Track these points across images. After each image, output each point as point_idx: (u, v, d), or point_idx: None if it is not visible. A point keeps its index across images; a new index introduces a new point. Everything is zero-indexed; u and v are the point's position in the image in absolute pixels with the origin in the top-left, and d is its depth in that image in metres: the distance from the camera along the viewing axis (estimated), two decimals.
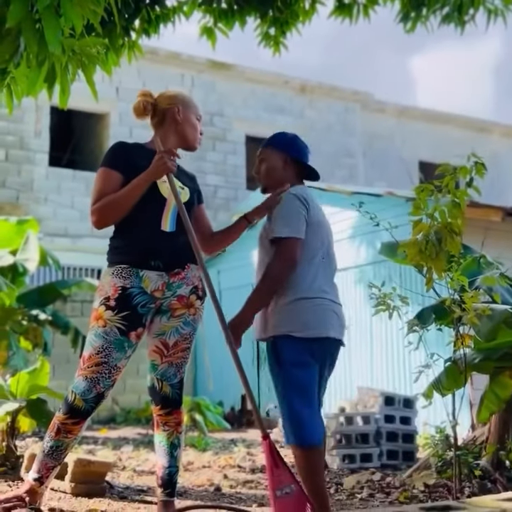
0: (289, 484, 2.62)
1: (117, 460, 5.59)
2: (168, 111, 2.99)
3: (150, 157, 2.84)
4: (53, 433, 2.69)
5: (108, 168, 2.83)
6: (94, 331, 2.68)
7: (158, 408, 2.80)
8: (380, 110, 16.18)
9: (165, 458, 2.81)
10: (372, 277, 8.05)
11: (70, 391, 2.70)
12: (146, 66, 12.48)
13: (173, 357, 2.81)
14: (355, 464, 5.47)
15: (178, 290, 2.82)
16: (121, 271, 2.75)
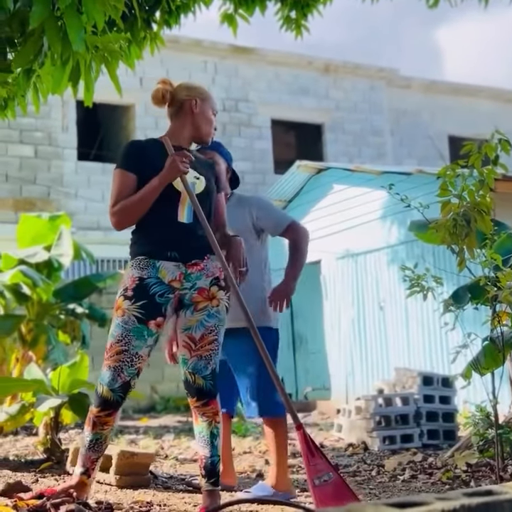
0: (328, 472, 2.65)
1: (159, 449, 5.66)
2: (185, 102, 3.01)
3: (163, 151, 2.88)
4: (90, 427, 2.75)
5: (122, 169, 2.88)
6: (115, 321, 2.76)
7: (195, 400, 2.83)
8: (406, 86, 15.97)
9: (207, 448, 2.84)
10: (405, 257, 8.00)
11: (98, 383, 2.77)
12: (169, 55, 12.46)
13: (202, 350, 2.83)
14: (395, 444, 5.48)
15: (198, 282, 2.84)
16: (139, 262, 2.82)
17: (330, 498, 2.55)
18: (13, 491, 2.52)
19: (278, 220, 3.47)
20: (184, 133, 3.00)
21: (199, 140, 3.05)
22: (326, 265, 9.54)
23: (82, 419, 3.29)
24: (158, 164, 2.83)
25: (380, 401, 5.72)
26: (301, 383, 10.27)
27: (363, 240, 8.74)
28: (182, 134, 2.99)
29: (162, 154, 2.86)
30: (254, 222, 3.49)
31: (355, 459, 4.96)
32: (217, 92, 13.86)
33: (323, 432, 6.88)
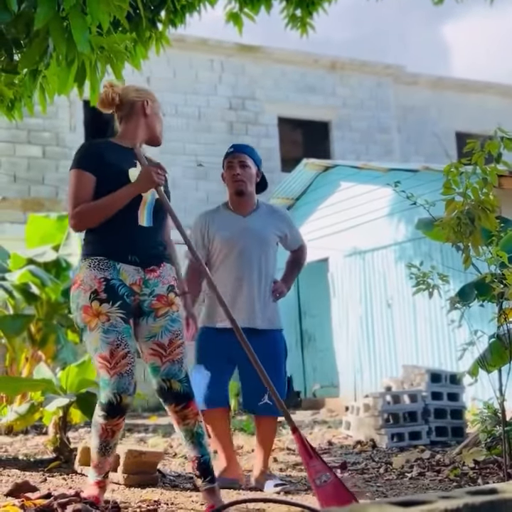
0: (325, 473, 2.69)
1: (168, 447, 5.68)
2: (136, 103, 3.02)
3: (120, 153, 2.90)
4: (109, 437, 2.70)
5: (80, 169, 2.85)
6: (101, 328, 2.68)
7: (174, 406, 2.79)
8: (413, 83, 15.92)
9: (196, 449, 2.83)
10: (413, 254, 7.99)
11: (109, 395, 2.66)
12: (175, 54, 12.48)
13: (173, 354, 2.80)
14: (403, 442, 5.47)
15: (156, 289, 2.83)
16: (98, 263, 2.77)
17: (332, 497, 2.57)
18: (21, 490, 2.54)
19: (297, 239, 3.82)
20: (138, 134, 3.00)
21: (153, 140, 3.06)
22: (333, 263, 9.54)
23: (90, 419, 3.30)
24: (117, 166, 2.84)
25: (388, 398, 5.72)
26: (310, 381, 10.28)
27: (371, 237, 8.74)
28: (135, 135, 2.99)
29: (119, 156, 2.88)
30: (281, 235, 3.71)
31: (363, 457, 4.96)
32: (224, 90, 13.88)
33: (331, 430, 6.89)
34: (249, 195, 3.64)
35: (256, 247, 3.56)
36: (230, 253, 3.57)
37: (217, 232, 3.59)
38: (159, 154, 13.20)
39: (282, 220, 3.72)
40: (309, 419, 8.28)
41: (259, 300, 3.54)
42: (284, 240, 3.73)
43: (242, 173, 3.58)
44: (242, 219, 3.61)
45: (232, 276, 3.55)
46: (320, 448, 5.60)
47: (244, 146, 3.78)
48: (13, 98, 4.64)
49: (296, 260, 3.84)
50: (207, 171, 13.45)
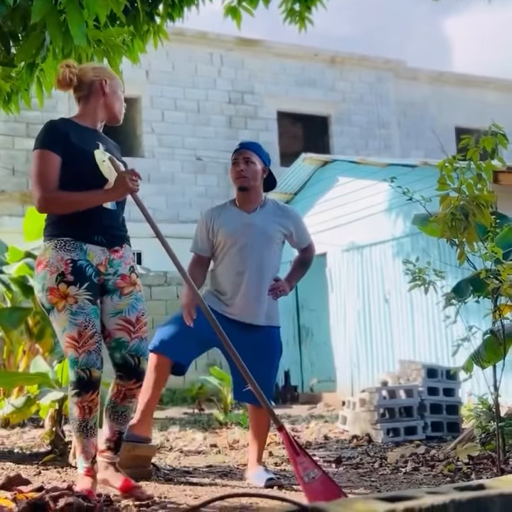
0: (312, 469, 2.71)
1: (165, 441, 5.69)
2: (95, 83, 3.03)
3: (82, 133, 2.92)
4: (88, 415, 2.75)
5: (46, 149, 2.84)
6: (69, 310, 2.74)
7: (133, 383, 2.88)
8: (413, 78, 15.90)
9: (124, 424, 2.94)
10: (410, 249, 8.00)
11: (78, 371, 2.74)
12: (175, 47, 12.45)
13: (140, 332, 2.90)
14: (399, 437, 5.48)
15: (120, 269, 2.92)
16: (64, 244, 2.81)
17: (320, 493, 2.59)
18: (13, 483, 2.55)
19: (304, 238, 3.80)
20: (97, 114, 3.03)
21: (112, 119, 3.09)
22: (331, 258, 9.55)
23: None
24: (81, 147, 2.86)
25: (384, 393, 5.73)
26: (307, 375, 10.29)
27: (369, 232, 8.74)
28: (95, 115, 3.02)
29: (82, 136, 2.90)
30: (286, 233, 3.71)
31: (358, 451, 4.97)
32: (223, 84, 13.85)
33: (328, 424, 6.90)
34: (253, 192, 3.65)
35: (258, 243, 3.57)
36: (231, 248, 3.60)
37: (221, 227, 3.62)
38: (158, 147, 13.21)
39: (288, 217, 3.71)
40: (306, 413, 8.30)
41: (259, 296, 3.56)
42: (290, 238, 3.73)
43: (245, 170, 3.61)
44: (245, 215, 3.63)
45: (233, 272, 3.58)
46: (316, 442, 5.62)
47: (251, 143, 3.81)
48: (9, 91, 4.63)
49: (303, 260, 3.83)
50: (206, 165, 13.44)
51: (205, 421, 7.30)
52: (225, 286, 3.60)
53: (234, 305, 3.56)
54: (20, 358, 7.52)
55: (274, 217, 3.66)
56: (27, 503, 2.02)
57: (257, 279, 3.56)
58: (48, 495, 2.07)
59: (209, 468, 4.07)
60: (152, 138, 13.19)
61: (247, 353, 3.47)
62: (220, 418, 7.16)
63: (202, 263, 3.69)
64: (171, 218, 13.03)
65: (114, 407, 2.91)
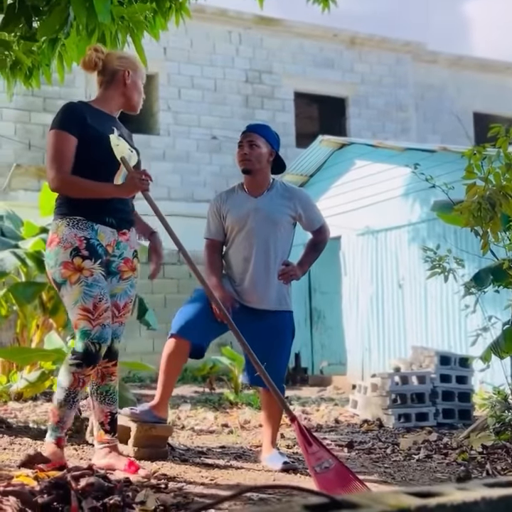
0: (327, 459, 2.70)
1: (176, 419, 5.72)
2: (118, 72, 3.10)
3: (99, 117, 2.98)
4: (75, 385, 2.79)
5: (63, 130, 2.91)
6: (84, 282, 2.79)
7: (106, 361, 2.94)
8: (432, 61, 15.72)
9: (113, 404, 2.98)
10: (426, 235, 7.96)
11: (88, 343, 2.77)
12: (193, 24, 12.30)
13: (123, 317, 3.00)
14: (410, 423, 5.49)
15: (125, 252, 2.99)
16: (77, 222, 2.87)
17: (332, 483, 2.59)
18: (34, 462, 2.57)
19: (315, 219, 3.71)
20: (115, 101, 3.11)
21: (129, 109, 3.17)
22: (345, 241, 9.51)
23: None
24: (97, 130, 2.92)
25: (396, 379, 5.73)
26: (317, 358, 10.31)
27: (384, 217, 8.69)
28: (113, 102, 3.10)
29: (99, 120, 2.96)
30: (295, 216, 3.64)
31: (369, 436, 4.99)
32: (241, 63, 13.75)
33: (338, 407, 6.92)
34: (259, 175, 3.60)
35: (265, 228, 3.54)
36: (238, 233, 3.58)
37: (229, 212, 3.60)
38: (174, 125, 13.15)
39: (295, 199, 3.63)
40: (316, 395, 8.32)
41: (266, 281, 3.54)
42: (299, 220, 3.66)
43: (249, 153, 3.57)
44: (252, 200, 3.60)
45: (240, 257, 3.57)
46: (327, 425, 5.63)
47: (257, 126, 3.74)
48: (31, 66, 4.60)
49: (315, 242, 3.74)
50: (221, 144, 13.39)
51: (216, 400, 7.33)
52: (233, 272, 3.60)
53: (243, 291, 3.56)
54: (34, 332, 7.56)
55: (282, 200, 3.60)
56: (49, 482, 2.03)
57: (264, 264, 3.54)
58: (70, 474, 2.08)
59: (222, 449, 4.09)
60: (168, 116, 13.13)
61: (259, 337, 3.47)
62: (230, 398, 7.20)
63: (217, 248, 3.67)
64: (185, 197, 13.01)
65: (97, 388, 2.98)
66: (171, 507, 2.23)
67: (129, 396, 4.07)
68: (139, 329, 9.94)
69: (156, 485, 2.56)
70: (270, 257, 3.54)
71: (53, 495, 2.00)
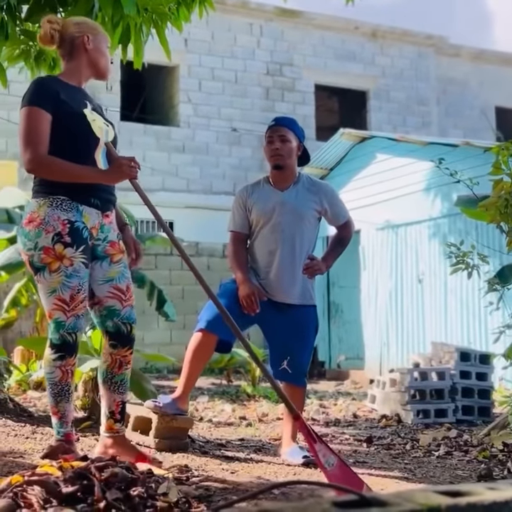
0: (330, 455, 2.71)
1: (194, 411, 5.74)
2: (76, 39, 2.89)
3: (70, 91, 2.82)
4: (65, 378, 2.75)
5: (36, 106, 2.74)
6: (64, 272, 2.68)
7: (126, 350, 2.87)
8: (455, 54, 15.58)
9: (125, 393, 2.91)
10: (447, 231, 7.90)
11: (64, 334, 2.71)
12: (215, 16, 12.22)
13: (130, 300, 2.89)
14: (429, 419, 5.47)
15: (109, 235, 2.87)
16: (60, 203, 2.73)
17: (341, 480, 2.58)
18: (57, 452, 2.59)
19: (341, 214, 3.69)
20: (82, 71, 2.91)
21: (98, 76, 2.98)
22: (365, 235, 9.47)
23: None
24: (71, 105, 2.77)
25: (415, 374, 5.70)
26: (335, 351, 10.29)
27: (405, 211, 8.64)
28: (79, 72, 2.91)
29: (70, 94, 2.80)
30: (320, 210, 3.62)
31: (388, 431, 4.97)
32: (262, 55, 13.71)
33: (355, 402, 6.90)
34: (287, 170, 3.60)
35: (290, 221, 3.53)
36: (264, 227, 3.57)
37: (254, 205, 3.59)
38: (194, 117, 13.15)
39: (322, 193, 3.62)
40: (333, 389, 8.31)
41: (292, 275, 3.53)
42: (325, 215, 3.64)
43: (281, 148, 3.54)
44: (279, 193, 3.58)
45: (266, 250, 3.55)
46: (345, 420, 5.63)
47: (286, 119, 3.72)
48: (55, 56, 4.61)
49: (340, 237, 3.72)
50: (241, 137, 13.37)
51: (233, 393, 7.35)
52: (258, 265, 3.58)
53: (267, 284, 3.54)
54: None
55: (308, 194, 3.59)
56: (73, 473, 2.04)
57: (290, 257, 3.53)
58: (93, 465, 2.08)
59: (241, 441, 4.09)
60: (188, 107, 13.13)
61: (282, 331, 3.47)
62: (248, 390, 7.21)
63: (241, 241, 3.65)
64: (204, 189, 13.02)
65: (112, 377, 2.88)
66: (193, 499, 2.24)
67: (150, 387, 4.08)
68: (157, 320, 9.97)
69: (177, 477, 2.56)
70: (295, 251, 3.52)
71: (77, 485, 2.01)
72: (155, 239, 8.40)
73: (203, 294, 3.61)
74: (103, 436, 2.90)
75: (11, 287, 8.29)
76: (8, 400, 3.84)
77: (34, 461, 2.68)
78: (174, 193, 12.64)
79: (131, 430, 3.45)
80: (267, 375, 3.09)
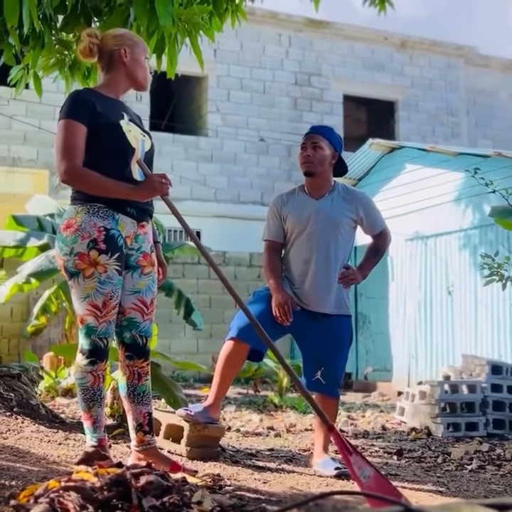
0: (366, 467, 2.69)
1: (221, 420, 5.73)
2: (114, 52, 2.91)
3: (107, 103, 2.85)
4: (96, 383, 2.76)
5: (72, 119, 2.77)
6: (97, 278, 2.71)
7: (142, 361, 2.88)
8: (484, 65, 15.48)
9: (149, 404, 2.91)
10: (478, 242, 7.82)
11: (96, 339, 2.73)
12: (244, 27, 12.28)
13: (151, 315, 2.91)
14: (459, 432, 5.40)
15: (143, 246, 2.88)
16: (97, 210, 2.75)
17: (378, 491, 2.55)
18: (92, 459, 2.59)
19: (377, 223, 3.66)
20: (119, 84, 2.94)
21: (137, 87, 2.99)
22: (394, 246, 9.40)
23: (154, 391, 3.34)
24: (108, 117, 2.80)
25: (446, 387, 5.64)
26: (362, 363, 10.22)
27: (434, 222, 8.57)
28: (117, 84, 2.93)
29: (108, 106, 2.83)
30: (356, 219, 3.60)
31: (418, 444, 4.92)
32: (291, 65, 13.74)
33: (383, 414, 6.84)
34: (321, 177, 3.58)
35: (325, 230, 3.51)
36: (299, 235, 3.56)
37: (289, 213, 3.58)
38: (222, 127, 13.21)
39: (357, 202, 3.59)
40: (360, 401, 8.25)
41: (326, 284, 3.50)
42: (360, 224, 3.62)
43: (312, 155, 3.54)
44: (313, 202, 3.57)
45: (301, 259, 3.54)
46: (374, 432, 5.58)
47: (321, 127, 3.72)
48: (89, 67, 4.66)
49: (375, 247, 3.68)
50: (268, 146, 13.39)
51: (260, 402, 7.32)
52: (293, 274, 3.56)
53: (302, 293, 3.52)
54: None
55: (343, 203, 3.57)
56: (109, 479, 2.04)
57: (325, 266, 3.51)
58: (129, 472, 2.08)
59: (271, 451, 4.07)
60: (216, 117, 13.19)
61: (316, 341, 3.45)
62: (275, 401, 7.19)
63: (276, 250, 3.64)
64: (231, 198, 13.05)
65: (134, 390, 2.88)
66: (227, 508, 2.23)
67: (181, 395, 4.08)
68: (183, 329, 10.00)
69: (210, 485, 2.55)
70: (331, 260, 3.50)
71: (113, 492, 2.01)
72: (183, 248, 8.44)
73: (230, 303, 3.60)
74: (135, 451, 2.90)
75: (40, 294, 8.38)
76: (40, 406, 3.86)
77: (68, 467, 2.69)
78: (202, 202, 12.70)
79: (163, 438, 3.45)
80: (298, 385, 3.06)
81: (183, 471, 2.73)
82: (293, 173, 12.78)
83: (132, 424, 2.90)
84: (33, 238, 7.70)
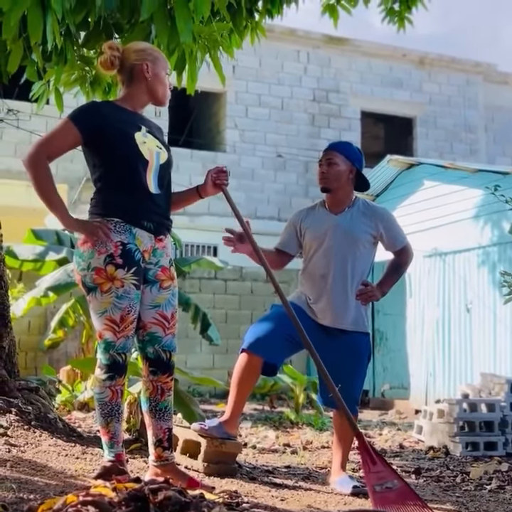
0: (392, 480, 2.66)
1: (237, 436, 5.70)
2: (136, 67, 2.92)
3: (124, 115, 2.86)
4: (115, 398, 2.76)
5: (72, 122, 2.78)
6: (114, 293, 2.71)
7: (166, 376, 2.87)
8: (503, 82, 15.45)
9: (170, 420, 2.90)
10: (497, 259, 7.77)
11: (114, 354, 2.73)
12: (262, 43, 12.30)
13: (173, 328, 2.89)
14: (478, 451, 5.34)
15: (161, 260, 2.88)
16: (114, 225, 2.76)
17: (390, 503, 2.54)
18: (110, 473, 2.59)
19: (398, 239, 3.62)
20: (139, 98, 2.95)
21: (156, 103, 3.01)
22: (412, 263, 9.32)
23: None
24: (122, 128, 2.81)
25: (464, 406, 5.58)
26: (379, 380, 10.15)
27: (453, 239, 8.53)
28: (136, 98, 2.94)
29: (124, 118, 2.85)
30: (375, 234, 3.57)
31: (436, 463, 4.86)
32: (309, 82, 13.80)
33: (401, 432, 6.78)
34: (339, 193, 3.58)
35: (343, 245, 3.49)
36: (317, 250, 3.55)
37: (308, 228, 3.58)
38: (240, 143, 13.26)
39: (377, 217, 3.57)
40: (377, 419, 8.19)
41: (344, 300, 3.48)
42: (380, 240, 3.58)
43: (327, 171, 3.55)
44: (333, 217, 3.57)
45: (318, 274, 3.52)
46: (391, 450, 5.53)
47: (338, 144, 3.73)
48: (110, 82, 4.71)
49: (396, 263, 3.62)
50: (286, 162, 13.42)
51: (276, 419, 7.29)
52: (310, 289, 3.54)
53: (319, 309, 3.50)
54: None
55: (363, 218, 3.55)
56: (127, 494, 2.03)
57: (342, 282, 3.48)
58: (147, 487, 2.07)
59: (288, 469, 4.05)
60: (235, 133, 13.26)
61: (332, 357, 3.42)
62: (291, 417, 7.14)
63: (278, 253, 3.66)
64: (248, 214, 13.06)
65: (156, 405, 2.87)
66: None
67: (199, 411, 4.07)
68: (200, 344, 9.99)
69: (228, 502, 2.54)
70: (348, 276, 3.47)
71: (132, 507, 2.00)
72: (200, 262, 8.45)
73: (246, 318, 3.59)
74: (152, 466, 2.89)
75: (58, 308, 8.42)
76: (57, 419, 3.86)
77: (86, 481, 2.69)
78: (219, 218, 12.71)
79: (180, 453, 3.44)
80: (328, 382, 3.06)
81: (200, 487, 2.72)
82: (310, 189, 12.78)
83: (152, 439, 2.89)
84: (52, 252, 7.75)
